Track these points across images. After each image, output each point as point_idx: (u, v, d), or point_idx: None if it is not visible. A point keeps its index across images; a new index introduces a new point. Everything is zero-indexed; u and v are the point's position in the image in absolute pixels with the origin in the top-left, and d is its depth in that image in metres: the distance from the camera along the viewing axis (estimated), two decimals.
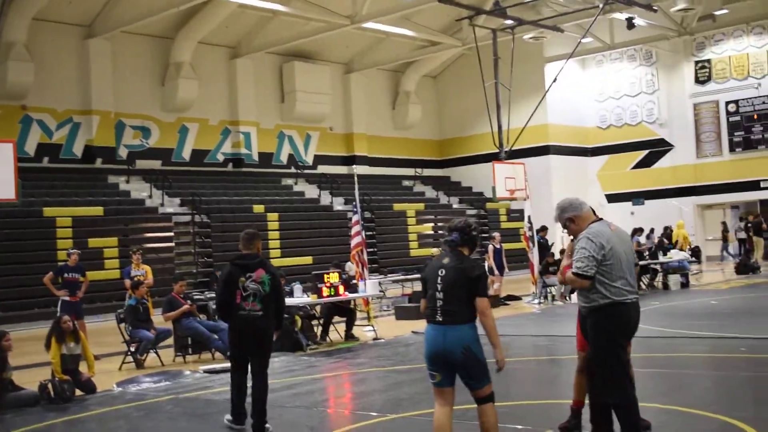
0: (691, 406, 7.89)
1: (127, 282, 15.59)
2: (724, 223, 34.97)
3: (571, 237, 6.61)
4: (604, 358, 6.13)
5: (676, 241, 28.64)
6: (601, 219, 6.37)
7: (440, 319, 6.07)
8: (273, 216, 28.01)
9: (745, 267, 26.89)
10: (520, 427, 7.28)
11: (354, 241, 16.95)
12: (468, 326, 6.04)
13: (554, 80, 30.92)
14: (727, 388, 9.17)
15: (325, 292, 14.67)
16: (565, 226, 6.45)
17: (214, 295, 16.48)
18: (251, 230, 8.60)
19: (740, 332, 12.75)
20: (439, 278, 6.11)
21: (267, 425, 7.81)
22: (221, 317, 8.86)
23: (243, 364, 8.20)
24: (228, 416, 8.22)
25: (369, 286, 15.90)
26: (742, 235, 33.33)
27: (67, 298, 14.88)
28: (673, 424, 7.13)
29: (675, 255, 23.74)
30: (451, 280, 6.09)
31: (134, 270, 16.19)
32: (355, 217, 17.19)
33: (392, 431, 7.69)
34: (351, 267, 20.80)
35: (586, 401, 6.70)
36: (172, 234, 25.71)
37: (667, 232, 30.28)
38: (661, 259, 23.11)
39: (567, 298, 19.93)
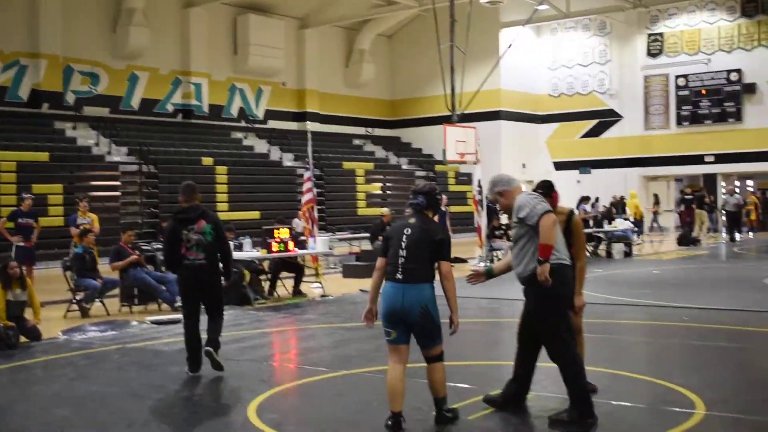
0: (635, 372, 8.08)
1: (74, 230, 15.40)
2: (656, 195, 35.52)
3: (501, 211, 6.89)
4: (557, 318, 6.25)
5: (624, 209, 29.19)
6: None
7: (400, 277, 6.14)
8: (222, 169, 27.79)
9: (686, 239, 27.45)
10: (466, 386, 7.39)
11: (305, 198, 16.94)
12: (427, 286, 6.14)
13: (509, 46, 31.06)
14: (669, 356, 9.40)
15: (275, 247, 14.68)
16: (495, 201, 6.64)
17: (160, 245, 16.41)
18: (191, 183, 8.80)
19: (682, 302, 13.04)
20: (404, 236, 6.21)
21: (218, 358, 8.31)
22: (169, 269, 9.41)
23: (194, 313, 8.50)
24: (185, 368, 8.47)
25: (319, 243, 15.92)
26: (681, 208, 33.89)
27: (22, 244, 14.67)
28: (617, 389, 7.29)
29: (619, 224, 24.12)
30: (416, 240, 6.19)
31: (80, 218, 15.95)
32: (307, 174, 17.18)
33: (342, 387, 7.75)
34: (298, 223, 20.79)
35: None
36: (118, 183, 25.38)
37: (616, 201, 30.77)
38: (606, 227, 23.44)
39: None
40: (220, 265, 8.61)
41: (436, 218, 6.61)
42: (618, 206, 31.72)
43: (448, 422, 6.27)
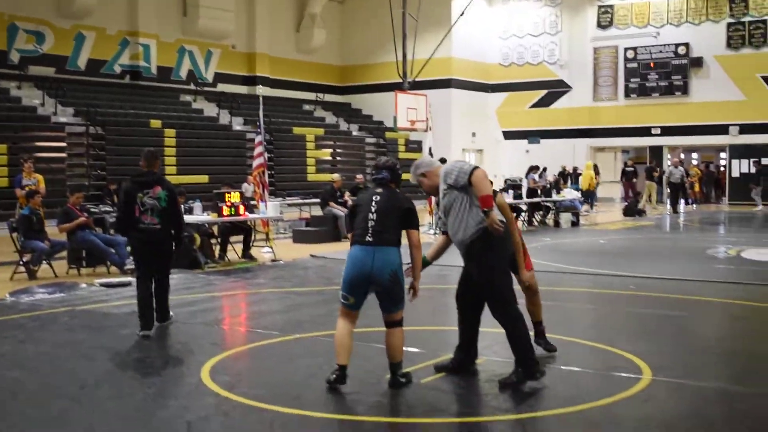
0: (583, 338, 8.25)
1: (19, 191, 15.18)
2: (595, 166, 35.90)
3: (426, 192, 7.13)
4: (500, 278, 6.36)
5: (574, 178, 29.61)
6: None
7: (370, 239, 6.26)
8: (170, 132, 27.49)
9: (631, 210, 27.89)
10: (417, 350, 7.49)
11: (255, 163, 16.82)
12: (395, 250, 6.32)
13: (461, 14, 31.08)
14: (616, 323, 9.60)
15: (226, 211, 14.63)
16: (419, 183, 6.78)
17: (109, 208, 16.25)
18: (153, 149, 9.29)
19: (628, 271, 13.29)
20: (374, 202, 6.38)
21: (171, 316, 8.98)
22: (120, 231, 9.75)
23: (146, 274, 8.82)
24: (137, 332, 8.59)
25: (270, 207, 15.88)
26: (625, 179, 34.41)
27: None
28: (566, 355, 7.43)
29: (567, 194, 24.42)
30: (385, 207, 6.37)
31: (26, 179, 15.72)
32: (258, 138, 17.04)
33: (294, 350, 7.79)
34: (248, 188, 20.71)
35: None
36: (64, 144, 24.98)
37: (564, 171, 31.15)
38: (554, 197, 23.72)
39: None
40: (172, 231, 8.92)
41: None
42: (566, 176, 32.20)
43: (402, 386, 6.36)
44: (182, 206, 14.46)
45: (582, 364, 7.19)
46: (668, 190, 30.37)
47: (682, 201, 31.80)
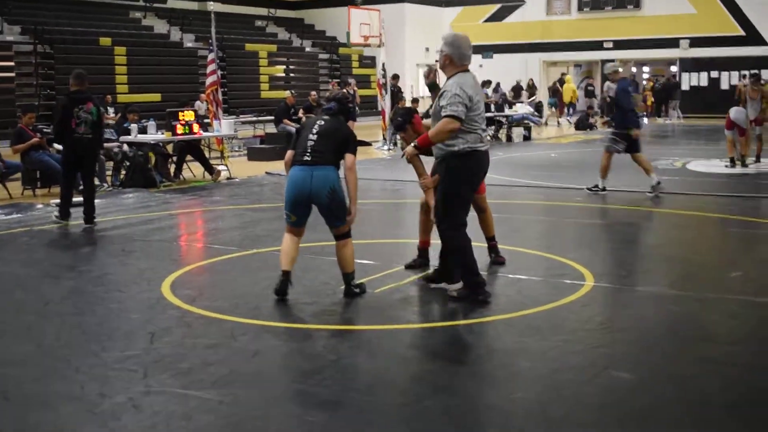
0: (531, 248, 8.60)
1: None
2: (531, 80, 36.18)
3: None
4: (453, 199, 6.58)
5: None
6: (468, 70, 6.67)
7: (308, 159, 6.47)
8: (120, 50, 27.07)
9: (583, 123, 28.29)
10: (372, 262, 7.77)
11: (209, 80, 16.83)
12: (333, 168, 6.54)
13: None
14: (563, 233, 9.97)
15: (180, 129, 14.68)
16: (441, 58, 6.64)
17: None
18: (82, 71, 10.89)
19: (576, 183, 13.65)
20: (316, 126, 6.65)
21: (95, 218, 10.48)
22: (57, 139, 11.47)
23: (73, 174, 10.81)
24: (55, 213, 10.60)
25: (224, 125, 15.95)
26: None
27: None
28: (514, 263, 7.77)
29: (520, 108, 24.71)
30: (326, 131, 6.64)
31: None
32: (211, 56, 17.00)
33: (253, 264, 8.04)
34: (200, 106, 20.66)
35: (432, 240, 7.29)
36: (12, 64, 24.52)
37: (518, 85, 31.42)
38: (507, 111, 23.98)
39: None
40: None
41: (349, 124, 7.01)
42: (519, 91, 32.47)
43: (355, 296, 6.67)
44: (135, 125, 14.56)
45: (529, 272, 7.53)
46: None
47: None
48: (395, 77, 23.08)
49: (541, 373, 5.00)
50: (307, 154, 6.53)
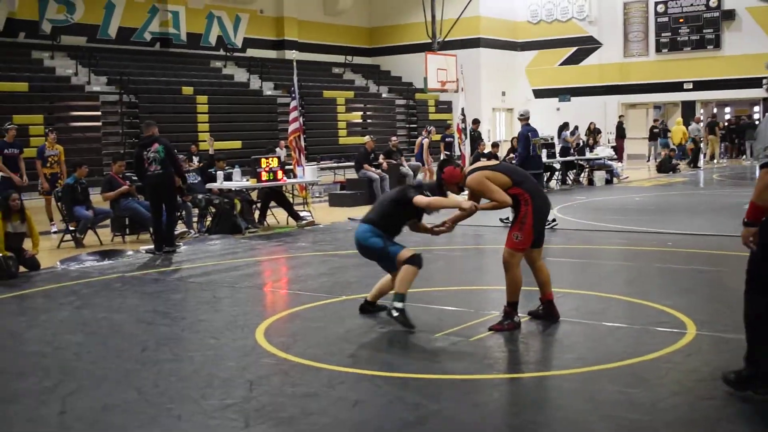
0: (624, 295, 8.40)
1: (39, 163, 15.18)
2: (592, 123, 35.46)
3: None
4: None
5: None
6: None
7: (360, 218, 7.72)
8: (202, 99, 27.68)
9: (665, 166, 27.83)
10: (464, 309, 7.67)
11: (291, 128, 17.06)
12: (366, 225, 7.37)
13: None
14: (654, 279, 9.73)
15: (265, 176, 14.83)
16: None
17: None
18: (149, 120, 13.08)
19: (663, 227, 13.38)
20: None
21: (176, 245, 12.33)
22: (138, 178, 12.94)
23: (158, 208, 12.19)
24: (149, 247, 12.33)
25: (307, 172, 16.09)
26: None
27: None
28: (609, 311, 7.59)
29: (600, 152, 24.43)
30: (385, 196, 7.92)
31: (48, 149, 15.74)
32: (293, 103, 17.23)
33: (344, 311, 8.00)
34: (280, 153, 20.91)
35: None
36: (99, 113, 25.23)
37: (591, 128, 31.15)
38: (588, 155, 23.73)
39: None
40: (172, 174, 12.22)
41: (425, 146, 7.39)
42: (595, 133, 32.11)
43: (391, 317, 7.07)
44: (221, 172, 14.80)
45: (626, 320, 7.34)
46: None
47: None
48: (476, 122, 23.08)
49: (654, 426, 4.83)
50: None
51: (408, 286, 7.10)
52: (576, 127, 30.02)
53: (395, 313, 7.01)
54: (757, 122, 35.28)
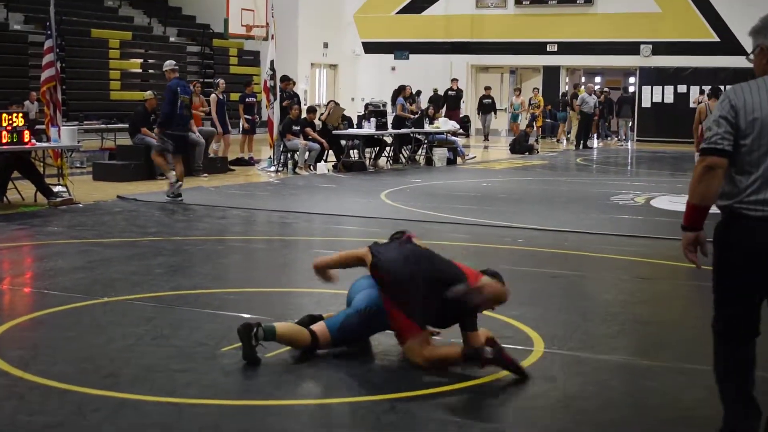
0: None
1: None
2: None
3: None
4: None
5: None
6: None
7: None
8: None
9: (520, 146, 28.70)
10: (263, 317, 7.69)
11: (45, 75, 16.53)
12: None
13: None
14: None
15: (6, 138, 14.31)
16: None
17: None
18: None
19: (515, 221, 13.81)
20: None
21: None
22: None
23: None
24: None
25: (64, 134, 15.63)
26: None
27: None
28: None
29: (443, 125, 24.94)
30: None
31: None
32: (48, 43, 16.69)
33: (105, 317, 7.85)
34: (30, 107, 20.32)
35: None
36: None
37: (436, 94, 31.79)
38: (427, 128, 24.17)
39: (312, 167, 20.58)
40: None
41: (213, 104, 7.03)
42: (439, 102, 32.80)
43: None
44: None
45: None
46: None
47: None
48: (286, 79, 22.96)
49: None
50: None
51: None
52: (418, 92, 30.56)
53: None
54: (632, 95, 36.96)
